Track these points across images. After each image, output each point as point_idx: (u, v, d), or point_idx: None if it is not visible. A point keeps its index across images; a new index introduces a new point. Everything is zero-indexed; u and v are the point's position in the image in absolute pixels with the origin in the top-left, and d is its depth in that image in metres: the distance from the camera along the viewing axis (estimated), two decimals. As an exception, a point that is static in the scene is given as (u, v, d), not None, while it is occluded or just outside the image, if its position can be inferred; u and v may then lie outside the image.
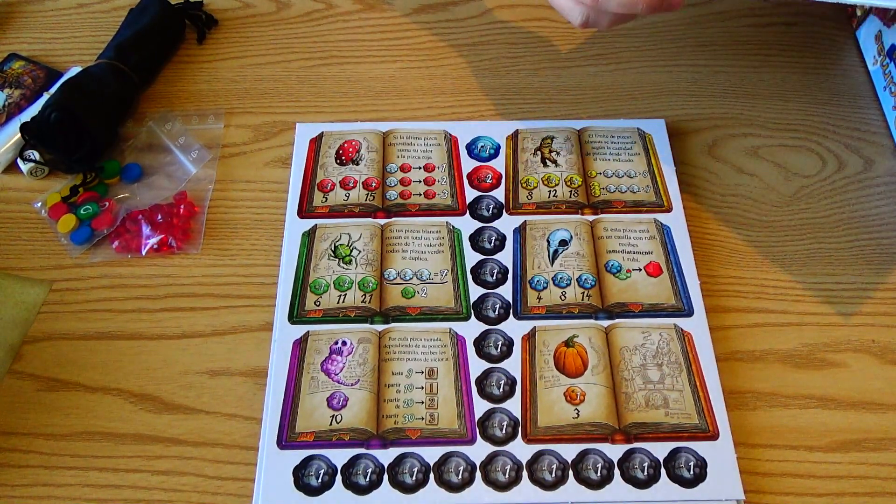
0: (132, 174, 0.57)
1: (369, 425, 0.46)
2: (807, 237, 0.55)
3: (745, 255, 0.54)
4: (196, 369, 0.49)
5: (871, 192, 0.57)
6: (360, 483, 0.44)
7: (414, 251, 0.53)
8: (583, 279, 0.52)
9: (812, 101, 0.62)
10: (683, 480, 0.44)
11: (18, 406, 0.48)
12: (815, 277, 0.53)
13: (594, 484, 0.44)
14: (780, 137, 0.60)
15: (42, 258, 0.54)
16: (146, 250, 0.54)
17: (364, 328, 0.50)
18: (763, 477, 0.45)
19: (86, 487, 0.45)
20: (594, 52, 0.65)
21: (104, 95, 0.58)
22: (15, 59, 0.64)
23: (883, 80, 0.62)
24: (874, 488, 0.45)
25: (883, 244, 0.55)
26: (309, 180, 0.57)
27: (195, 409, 0.48)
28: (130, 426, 0.47)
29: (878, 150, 0.60)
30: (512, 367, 0.48)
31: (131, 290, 0.53)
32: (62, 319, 0.51)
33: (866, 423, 0.47)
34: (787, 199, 0.57)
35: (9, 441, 0.47)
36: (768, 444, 0.47)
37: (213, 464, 0.46)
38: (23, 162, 0.57)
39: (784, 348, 0.50)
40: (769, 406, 0.48)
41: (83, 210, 0.55)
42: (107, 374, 0.49)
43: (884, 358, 0.50)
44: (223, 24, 0.68)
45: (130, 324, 0.51)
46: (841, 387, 0.49)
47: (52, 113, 0.54)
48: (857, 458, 0.46)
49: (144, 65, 0.61)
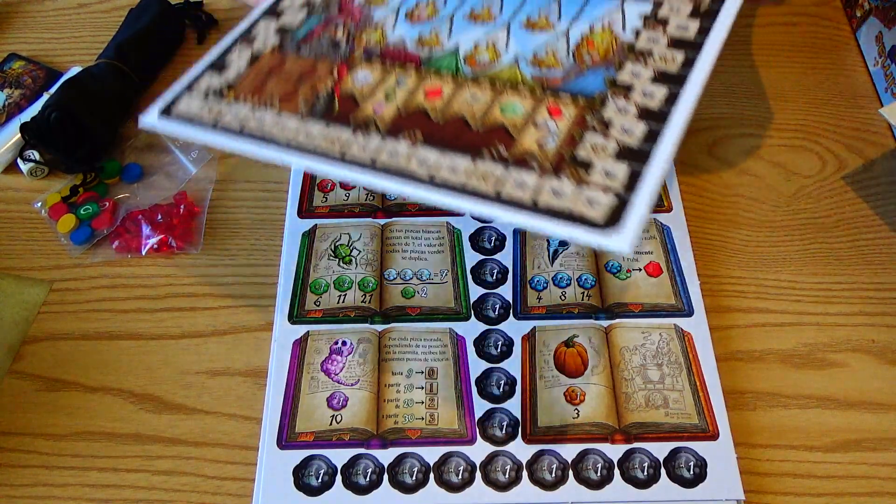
0: (132, 174, 0.58)
1: (369, 425, 0.46)
2: (807, 237, 0.55)
3: (745, 255, 0.54)
4: (196, 369, 0.49)
5: (871, 192, 0.57)
6: (360, 483, 0.44)
7: (414, 251, 0.53)
8: (583, 279, 0.52)
9: (812, 101, 0.62)
10: (683, 480, 0.44)
11: (18, 406, 0.48)
12: (815, 277, 0.53)
13: (594, 484, 0.44)
14: (780, 137, 0.60)
15: (42, 258, 0.54)
16: (146, 250, 0.54)
17: (364, 328, 0.50)
18: (763, 477, 0.45)
19: (86, 487, 0.45)
20: (594, 52, 0.65)
21: (104, 95, 0.58)
22: (15, 59, 0.64)
23: (884, 81, 0.62)
24: (874, 488, 0.45)
25: (883, 244, 0.55)
26: (309, 180, 0.57)
27: (195, 409, 0.48)
28: (130, 426, 0.47)
29: (878, 150, 0.60)
30: (512, 368, 0.48)
31: (131, 290, 0.53)
32: (62, 319, 0.51)
33: (866, 423, 0.47)
34: (787, 199, 0.57)
35: (9, 441, 0.47)
36: (768, 444, 0.47)
37: (213, 464, 0.46)
38: (23, 162, 0.57)
39: (784, 348, 0.50)
40: (769, 406, 0.48)
41: (83, 210, 0.55)
42: (107, 374, 0.49)
43: (884, 358, 0.50)
44: (223, 24, 0.68)
45: (130, 324, 0.51)
46: (841, 387, 0.49)
47: (52, 113, 0.54)
48: (857, 458, 0.46)
49: (144, 65, 0.61)
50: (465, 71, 0.42)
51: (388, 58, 0.44)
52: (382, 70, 0.43)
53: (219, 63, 0.45)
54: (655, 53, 0.41)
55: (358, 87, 0.42)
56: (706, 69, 0.39)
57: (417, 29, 0.45)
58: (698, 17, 0.42)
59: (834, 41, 0.66)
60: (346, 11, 0.46)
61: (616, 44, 0.42)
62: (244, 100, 0.42)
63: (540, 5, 0.45)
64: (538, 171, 0.37)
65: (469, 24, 0.45)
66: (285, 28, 0.46)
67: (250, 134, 0.41)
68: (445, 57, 0.43)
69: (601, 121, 0.38)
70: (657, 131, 0.37)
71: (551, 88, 0.40)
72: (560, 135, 0.38)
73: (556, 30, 0.43)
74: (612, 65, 0.40)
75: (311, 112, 0.41)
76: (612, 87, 0.39)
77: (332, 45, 0.45)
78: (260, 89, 0.43)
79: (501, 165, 0.37)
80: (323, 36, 0.45)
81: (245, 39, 0.46)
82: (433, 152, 0.38)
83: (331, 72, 0.43)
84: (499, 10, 0.45)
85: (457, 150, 0.38)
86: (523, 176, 0.37)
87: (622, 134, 0.38)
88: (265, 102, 0.42)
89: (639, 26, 0.42)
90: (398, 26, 0.45)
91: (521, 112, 0.39)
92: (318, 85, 0.43)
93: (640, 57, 0.40)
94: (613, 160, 0.37)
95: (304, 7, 0.47)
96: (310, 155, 0.39)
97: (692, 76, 0.39)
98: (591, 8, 0.44)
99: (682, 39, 0.41)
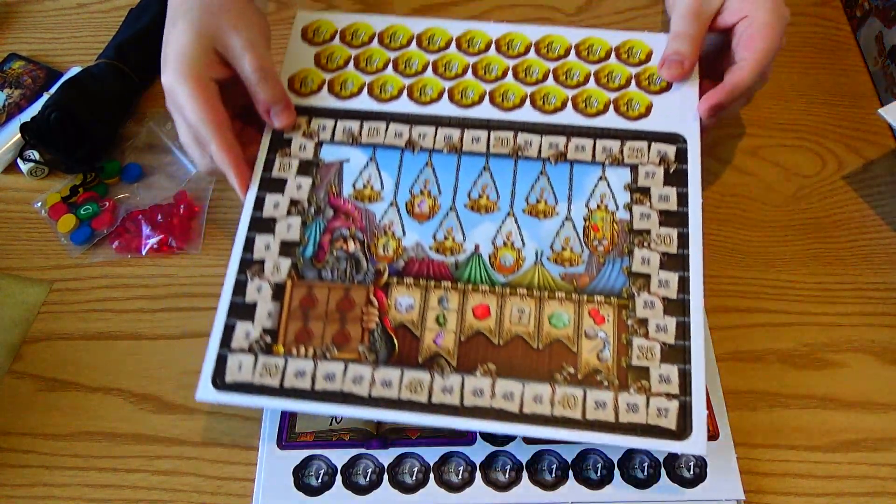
0: (132, 174, 0.58)
1: (369, 425, 0.46)
2: (807, 237, 0.55)
3: (745, 255, 0.54)
4: (196, 369, 0.49)
5: (871, 192, 0.57)
6: (360, 483, 0.44)
7: None
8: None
9: (812, 101, 0.62)
10: (683, 480, 0.44)
11: (18, 406, 0.48)
12: (815, 277, 0.53)
13: (594, 484, 0.44)
14: (780, 137, 0.60)
15: (42, 258, 0.54)
16: (146, 250, 0.54)
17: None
18: (763, 477, 0.45)
19: (86, 487, 0.45)
20: (594, 53, 0.65)
21: (104, 95, 0.58)
22: (15, 59, 0.64)
23: (884, 81, 0.62)
24: (874, 488, 0.45)
25: (883, 244, 0.55)
26: None
27: (195, 409, 0.48)
28: (130, 426, 0.47)
29: (878, 150, 0.60)
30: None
31: (131, 290, 0.53)
32: (62, 319, 0.51)
33: (866, 423, 0.47)
34: (787, 199, 0.57)
35: (9, 441, 0.47)
36: (768, 444, 0.47)
37: (213, 464, 0.46)
38: (23, 162, 0.57)
39: (784, 348, 0.50)
40: (769, 406, 0.48)
41: (83, 210, 0.55)
42: (107, 374, 0.49)
43: (884, 358, 0.50)
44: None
45: (130, 324, 0.51)
46: (841, 387, 0.49)
47: (52, 113, 0.54)
48: (857, 458, 0.46)
49: (144, 65, 0.61)
50: (497, 279, 0.45)
51: (420, 276, 0.45)
52: (420, 291, 0.44)
53: (241, 304, 0.44)
54: (653, 234, 0.46)
55: (406, 314, 0.44)
56: (699, 245, 0.45)
57: (429, 230, 0.46)
58: (673, 185, 0.47)
59: (834, 41, 0.66)
60: (342, 212, 0.46)
61: (617, 225, 0.46)
62: (297, 352, 0.43)
63: (531, 184, 0.47)
64: (610, 388, 0.42)
65: (475, 217, 0.47)
66: (288, 243, 0.46)
67: (325, 392, 0.42)
68: (472, 264, 0.45)
69: (638, 320, 0.43)
70: (685, 323, 0.43)
71: (583, 291, 0.44)
72: (611, 343, 0.43)
73: (559, 215, 0.47)
74: (623, 253, 0.45)
75: (376, 357, 0.43)
76: (632, 280, 0.45)
77: (352, 264, 0.45)
78: (307, 335, 0.43)
79: (578, 388, 0.42)
80: (336, 250, 0.45)
81: (252, 266, 0.45)
82: (513, 383, 0.42)
83: (369, 300, 0.44)
84: (496, 195, 0.47)
85: (532, 377, 0.42)
86: (600, 395, 0.42)
87: (659, 332, 0.43)
88: (322, 351, 0.43)
89: (627, 199, 0.47)
90: (407, 229, 0.46)
91: (569, 321, 0.44)
92: (365, 320, 0.44)
93: (642, 242, 0.45)
94: (662, 362, 0.42)
95: (294, 213, 0.46)
96: (399, 408, 0.41)
97: (692, 256, 0.45)
98: (579, 183, 0.47)
99: (668, 212, 0.46)
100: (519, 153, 0.48)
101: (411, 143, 0.48)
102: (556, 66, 0.51)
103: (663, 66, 0.50)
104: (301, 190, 0.47)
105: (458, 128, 0.49)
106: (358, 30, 0.53)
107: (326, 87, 0.50)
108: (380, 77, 0.51)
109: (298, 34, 0.53)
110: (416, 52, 0.52)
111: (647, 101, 0.50)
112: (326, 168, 0.48)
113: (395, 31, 0.53)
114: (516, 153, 0.48)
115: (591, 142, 0.48)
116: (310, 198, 0.47)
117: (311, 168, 0.48)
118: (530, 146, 0.48)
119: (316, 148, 0.48)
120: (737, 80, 0.47)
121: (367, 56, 0.52)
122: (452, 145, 0.48)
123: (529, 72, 0.51)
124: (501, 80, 0.51)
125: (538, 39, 0.52)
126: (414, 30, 0.53)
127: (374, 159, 0.48)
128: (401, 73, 0.51)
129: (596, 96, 0.50)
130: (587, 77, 0.51)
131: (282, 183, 0.47)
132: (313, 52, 0.52)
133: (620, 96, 0.50)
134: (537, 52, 0.52)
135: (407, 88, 0.50)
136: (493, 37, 0.53)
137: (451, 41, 0.52)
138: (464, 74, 0.51)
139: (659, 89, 0.50)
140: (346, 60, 0.52)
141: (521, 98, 0.50)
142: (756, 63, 0.47)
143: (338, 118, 0.49)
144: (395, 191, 0.47)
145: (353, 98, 0.50)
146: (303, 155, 0.48)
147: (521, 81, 0.51)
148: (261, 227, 0.46)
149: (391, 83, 0.51)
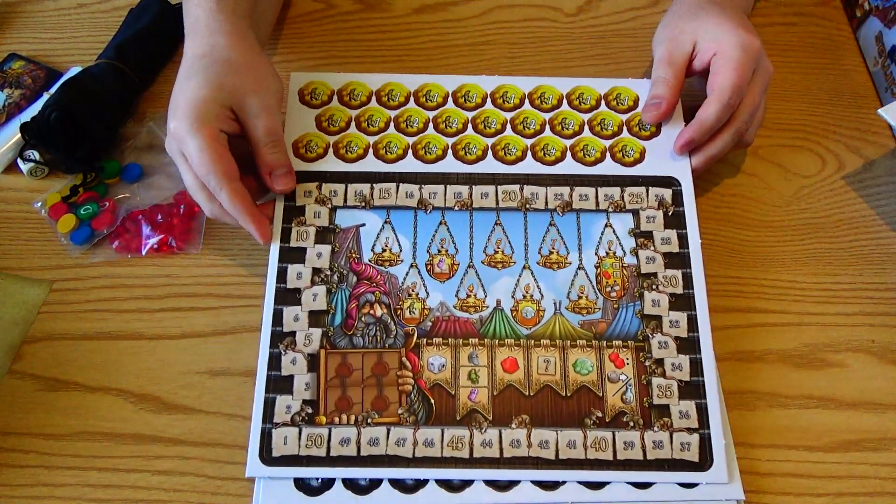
0: (132, 174, 0.57)
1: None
2: (807, 237, 0.55)
3: (745, 255, 0.54)
4: (196, 369, 0.49)
5: (871, 192, 0.57)
6: (360, 483, 0.44)
7: None
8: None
9: (812, 101, 0.62)
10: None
11: (18, 406, 0.48)
12: (815, 277, 0.53)
13: (594, 484, 0.44)
14: (780, 137, 0.60)
15: (42, 258, 0.54)
16: (146, 250, 0.54)
17: None
18: (763, 477, 0.45)
19: (86, 487, 0.45)
20: (595, 53, 0.65)
21: (104, 95, 0.58)
22: (15, 59, 0.64)
23: (884, 81, 0.62)
24: (874, 488, 0.45)
25: (883, 244, 0.55)
26: None
27: (195, 409, 0.48)
28: (130, 426, 0.47)
29: (878, 150, 0.60)
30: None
31: (131, 290, 0.53)
32: (62, 319, 0.51)
33: (866, 423, 0.47)
34: (787, 199, 0.57)
35: (9, 441, 0.47)
36: (768, 444, 0.47)
37: (213, 464, 0.46)
38: (23, 162, 0.57)
39: (784, 348, 0.50)
40: (769, 406, 0.48)
41: (83, 210, 0.55)
42: (107, 374, 0.49)
43: (884, 358, 0.50)
44: (223, 24, 0.67)
45: (130, 324, 0.51)
46: (841, 387, 0.49)
47: (52, 113, 0.54)
48: (857, 458, 0.46)
49: (144, 65, 0.61)
50: (521, 332, 0.47)
51: (448, 335, 0.46)
52: (450, 350, 0.46)
53: (277, 378, 0.45)
54: (660, 276, 0.48)
55: (439, 374, 0.45)
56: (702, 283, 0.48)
57: (451, 289, 0.48)
58: (673, 227, 0.50)
59: (834, 41, 0.66)
60: (365, 277, 0.48)
61: (626, 270, 0.49)
62: (339, 420, 0.44)
63: (542, 236, 0.49)
64: (636, 427, 0.44)
65: (493, 272, 0.48)
66: (316, 312, 0.47)
67: (371, 457, 0.43)
68: (496, 319, 0.47)
69: (655, 361, 0.46)
70: (697, 360, 0.46)
71: (602, 337, 0.47)
72: (633, 385, 0.46)
73: (572, 264, 0.49)
74: (634, 297, 0.48)
75: (416, 418, 0.44)
76: (645, 322, 0.47)
77: (381, 329, 0.46)
78: (347, 402, 0.45)
79: (607, 430, 0.44)
80: (364, 316, 0.46)
81: (283, 339, 0.46)
82: (547, 431, 0.44)
83: (402, 363, 0.45)
84: (510, 250, 0.49)
85: (564, 424, 0.44)
86: (627, 436, 0.44)
87: (675, 371, 0.46)
88: (363, 418, 0.44)
89: (632, 244, 0.49)
90: (430, 290, 0.48)
91: (592, 367, 0.46)
92: (401, 383, 0.45)
93: (651, 285, 0.48)
94: (681, 399, 0.45)
95: (319, 283, 0.47)
96: (443, 465, 0.43)
97: (697, 295, 0.48)
98: (587, 231, 0.49)
99: (671, 254, 0.49)
100: (527, 206, 0.50)
101: (423, 203, 0.50)
102: (551, 116, 0.54)
103: (644, 110, 0.53)
104: (322, 258, 0.48)
105: (467, 184, 0.51)
106: (355, 89, 0.55)
107: (332, 151, 0.52)
108: (383, 137, 0.52)
109: (296, 97, 0.54)
110: (416, 110, 0.54)
111: (640, 147, 0.52)
112: (344, 234, 0.49)
113: (392, 90, 0.55)
114: (524, 206, 0.50)
115: (593, 190, 0.51)
116: (331, 265, 0.48)
117: (329, 235, 0.49)
118: (537, 198, 0.50)
119: (330, 214, 0.50)
120: (703, 117, 0.50)
121: (368, 116, 0.53)
122: (463, 202, 0.50)
123: (527, 123, 0.53)
124: (501, 133, 0.53)
125: (531, 90, 0.55)
126: (409, 87, 0.55)
127: (389, 221, 0.50)
128: (403, 132, 0.53)
129: (592, 144, 0.52)
130: (581, 126, 0.53)
131: (301, 252, 0.49)
132: (314, 115, 0.53)
133: (615, 143, 0.52)
134: (531, 104, 0.54)
135: (411, 147, 0.52)
136: (488, 90, 0.55)
137: (448, 96, 0.55)
138: (464, 129, 0.53)
139: (649, 134, 0.53)
140: (348, 122, 0.53)
141: (522, 150, 0.52)
142: (716, 99, 0.49)
143: (348, 182, 0.51)
144: (414, 252, 0.49)
145: (360, 160, 0.52)
146: (318, 222, 0.49)
147: (520, 133, 0.53)
148: (287, 300, 0.47)
149: (395, 142, 0.52)
